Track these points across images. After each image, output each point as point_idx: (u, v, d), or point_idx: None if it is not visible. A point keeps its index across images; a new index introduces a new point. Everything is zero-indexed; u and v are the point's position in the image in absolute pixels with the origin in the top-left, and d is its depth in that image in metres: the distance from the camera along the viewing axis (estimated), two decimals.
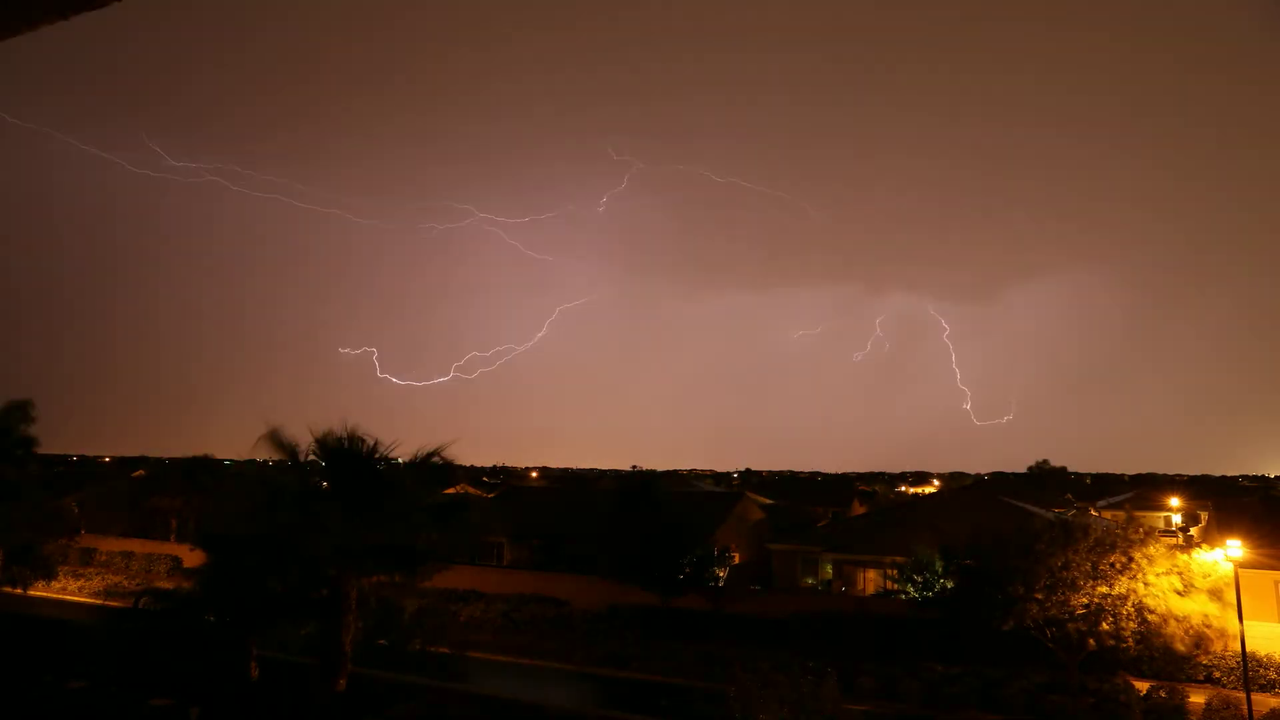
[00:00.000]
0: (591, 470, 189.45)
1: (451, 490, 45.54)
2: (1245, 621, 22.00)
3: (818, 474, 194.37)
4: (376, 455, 17.55)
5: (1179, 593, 22.28)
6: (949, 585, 27.99)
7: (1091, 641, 22.49)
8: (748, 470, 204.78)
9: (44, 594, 38.43)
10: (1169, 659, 24.80)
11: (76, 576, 42.69)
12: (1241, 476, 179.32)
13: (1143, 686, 24.19)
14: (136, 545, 48.59)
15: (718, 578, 34.19)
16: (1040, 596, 22.66)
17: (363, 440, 17.50)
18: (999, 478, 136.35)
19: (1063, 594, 22.51)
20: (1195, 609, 22.04)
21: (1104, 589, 22.31)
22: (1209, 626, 22.09)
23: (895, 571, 32.23)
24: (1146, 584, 22.21)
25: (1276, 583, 30.78)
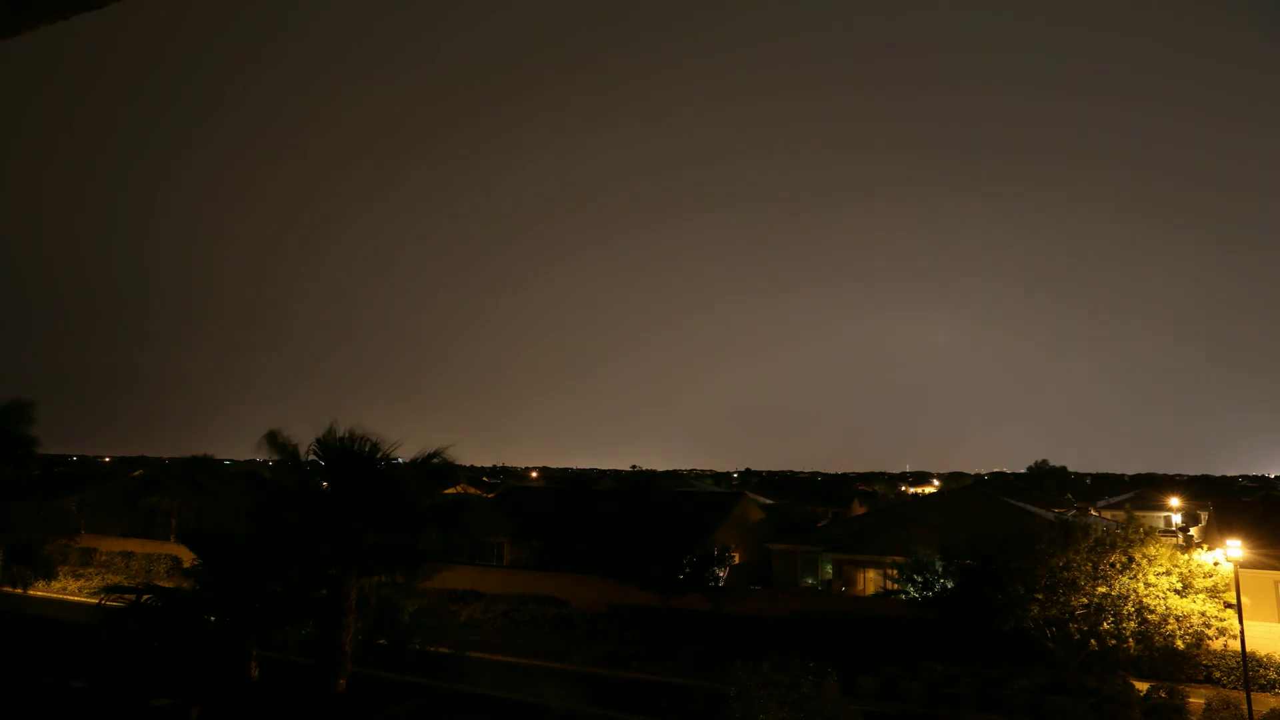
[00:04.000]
0: (591, 470, 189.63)
1: (452, 490, 45.50)
2: (1245, 621, 22.01)
3: (818, 474, 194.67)
4: (378, 456, 17.55)
5: (1179, 593, 22.25)
6: (949, 585, 27.97)
7: (1092, 641, 22.48)
8: (748, 470, 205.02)
9: (44, 594, 38.44)
10: (1169, 659, 24.80)
11: (76, 576, 42.70)
12: (1241, 476, 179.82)
13: (1143, 686, 24.20)
14: (136, 545, 48.54)
15: (718, 578, 34.16)
16: (1040, 596, 22.65)
17: (364, 440, 17.50)
18: (999, 478, 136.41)
19: (1063, 594, 22.50)
20: (1195, 609, 22.02)
21: (1104, 589, 22.29)
22: (1209, 626, 22.08)
23: (895, 571, 32.18)
24: (1147, 584, 22.19)
25: (1276, 583, 30.78)
